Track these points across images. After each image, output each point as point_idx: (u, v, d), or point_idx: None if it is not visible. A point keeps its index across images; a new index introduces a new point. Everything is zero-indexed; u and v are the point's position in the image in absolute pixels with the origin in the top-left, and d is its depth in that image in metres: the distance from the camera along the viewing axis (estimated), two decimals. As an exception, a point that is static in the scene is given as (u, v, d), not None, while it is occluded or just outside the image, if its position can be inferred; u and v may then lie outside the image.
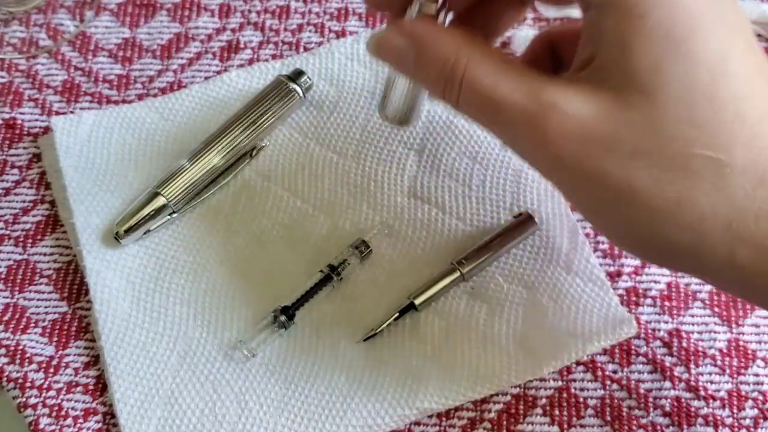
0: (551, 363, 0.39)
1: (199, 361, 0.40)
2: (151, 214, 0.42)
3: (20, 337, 0.41)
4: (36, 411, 0.39)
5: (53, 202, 0.44)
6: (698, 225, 0.29)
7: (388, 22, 0.34)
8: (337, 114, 0.46)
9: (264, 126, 0.44)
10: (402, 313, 0.40)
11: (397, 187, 0.44)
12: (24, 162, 0.46)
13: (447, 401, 0.39)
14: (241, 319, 0.41)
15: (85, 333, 0.41)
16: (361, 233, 0.43)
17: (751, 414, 0.40)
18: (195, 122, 0.45)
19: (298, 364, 0.40)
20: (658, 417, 0.40)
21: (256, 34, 0.49)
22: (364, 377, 0.40)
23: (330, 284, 0.41)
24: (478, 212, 0.43)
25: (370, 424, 0.39)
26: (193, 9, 0.50)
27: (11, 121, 0.47)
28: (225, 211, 0.44)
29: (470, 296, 0.41)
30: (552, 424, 0.40)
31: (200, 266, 0.42)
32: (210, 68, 0.48)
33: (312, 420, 0.39)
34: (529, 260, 0.42)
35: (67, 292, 0.42)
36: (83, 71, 0.48)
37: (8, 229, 0.44)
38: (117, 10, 0.50)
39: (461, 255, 0.41)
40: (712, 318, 0.42)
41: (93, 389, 0.40)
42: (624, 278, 0.43)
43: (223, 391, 0.39)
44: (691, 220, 0.29)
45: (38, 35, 0.49)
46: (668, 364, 0.41)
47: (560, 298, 0.41)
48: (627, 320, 0.40)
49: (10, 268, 0.43)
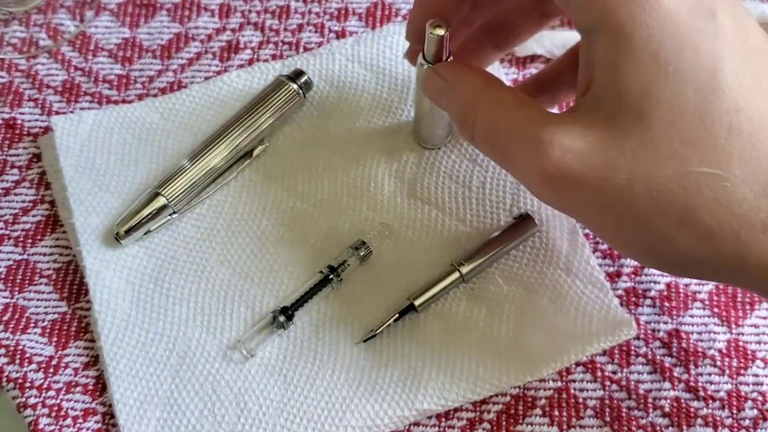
0: (551, 364, 0.40)
1: (199, 361, 0.40)
2: (151, 214, 0.42)
3: (20, 337, 0.41)
4: (35, 411, 0.39)
5: (53, 202, 0.45)
6: (706, 240, 0.30)
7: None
8: (338, 114, 0.46)
9: (264, 126, 0.44)
10: (402, 314, 0.40)
11: (397, 189, 0.44)
12: (24, 162, 0.46)
13: (446, 402, 0.39)
14: (240, 319, 0.41)
15: (85, 333, 0.41)
16: (360, 234, 0.43)
17: (751, 414, 0.40)
18: (195, 122, 0.45)
19: (297, 364, 0.40)
20: (658, 418, 0.40)
21: (256, 34, 0.49)
22: (364, 378, 0.40)
23: (329, 285, 0.41)
24: (477, 213, 0.43)
25: (370, 425, 0.39)
26: (193, 9, 0.50)
27: (11, 121, 0.47)
28: (225, 211, 0.44)
29: (470, 297, 0.41)
30: (551, 424, 0.40)
31: (200, 266, 0.42)
32: (210, 68, 0.48)
33: (311, 421, 0.39)
34: (528, 261, 0.42)
35: (66, 292, 0.42)
36: (83, 71, 0.48)
37: (8, 229, 0.44)
38: (117, 10, 0.50)
39: (461, 256, 0.41)
40: (711, 319, 0.42)
41: (92, 389, 0.40)
42: (623, 279, 0.43)
43: (222, 392, 0.39)
44: (699, 237, 0.30)
45: (38, 35, 0.49)
46: (668, 364, 0.41)
47: (560, 299, 0.41)
48: (626, 321, 0.40)
49: (9, 268, 0.43)
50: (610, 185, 0.30)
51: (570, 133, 0.30)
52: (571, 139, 0.30)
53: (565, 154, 0.30)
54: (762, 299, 0.42)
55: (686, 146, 0.29)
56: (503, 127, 0.33)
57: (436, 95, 0.38)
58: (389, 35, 0.48)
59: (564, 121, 0.31)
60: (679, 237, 0.30)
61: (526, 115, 0.32)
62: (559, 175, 0.30)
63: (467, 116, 0.34)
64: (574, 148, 0.30)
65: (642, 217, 0.30)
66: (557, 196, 0.32)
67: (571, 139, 0.30)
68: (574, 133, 0.30)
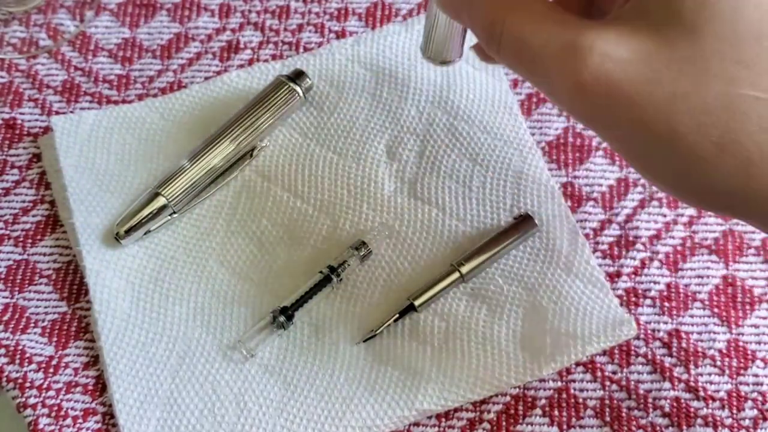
0: (551, 364, 0.40)
1: (198, 361, 0.40)
2: (151, 214, 0.42)
3: (20, 337, 0.41)
4: (35, 411, 0.39)
5: (53, 202, 0.45)
6: (744, 170, 0.28)
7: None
8: (338, 114, 0.46)
9: (264, 126, 0.44)
10: (402, 314, 0.40)
11: (398, 188, 0.44)
12: (24, 162, 0.46)
13: (446, 402, 0.39)
14: (240, 319, 0.41)
15: (85, 333, 0.41)
16: (360, 234, 0.43)
17: (751, 414, 0.40)
18: (195, 122, 0.45)
19: (297, 364, 0.40)
20: (658, 418, 0.40)
21: (256, 34, 0.49)
22: (364, 378, 0.40)
23: (329, 285, 0.41)
24: (478, 213, 0.43)
25: (369, 425, 0.39)
26: (193, 9, 0.50)
27: (11, 121, 0.47)
28: (225, 211, 0.44)
29: (470, 297, 0.41)
30: (551, 424, 0.40)
31: (200, 266, 0.42)
32: (210, 68, 0.48)
33: (311, 421, 0.39)
34: (528, 261, 0.42)
35: (66, 292, 0.42)
36: (83, 71, 0.48)
37: (8, 229, 0.44)
38: (117, 10, 0.50)
39: (461, 256, 0.41)
40: (711, 319, 0.42)
41: (92, 389, 0.40)
42: (623, 279, 0.43)
43: (222, 392, 0.39)
44: (737, 164, 0.28)
45: (38, 35, 0.49)
46: (668, 364, 0.41)
47: (560, 299, 0.41)
48: (626, 321, 0.40)
49: (9, 268, 0.43)
50: (652, 99, 0.28)
51: (613, 40, 0.28)
52: (613, 46, 0.28)
53: (605, 61, 0.28)
54: (762, 298, 0.42)
55: (739, 67, 0.28)
56: (535, 36, 0.30)
57: (454, 7, 0.34)
58: (389, 35, 0.48)
59: (606, 28, 0.29)
60: (717, 162, 0.28)
61: (561, 20, 0.30)
62: (596, 84, 0.28)
63: (494, 28, 0.31)
64: (615, 56, 0.28)
65: (680, 138, 0.28)
66: (592, 109, 0.29)
67: (613, 46, 0.28)
68: (618, 41, 0.28)
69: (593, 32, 0.29)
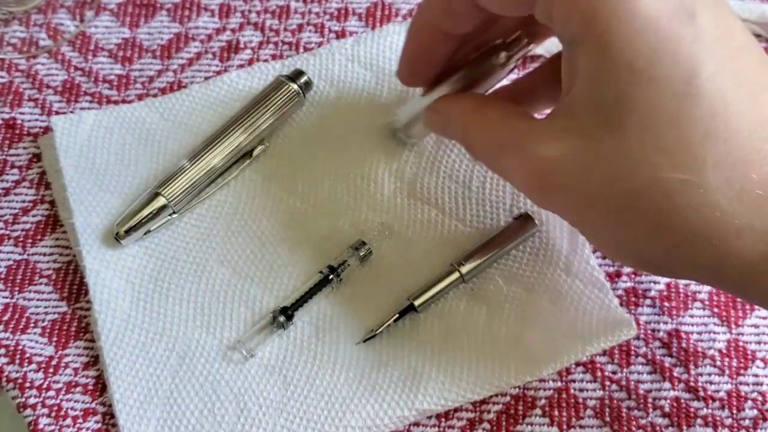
0: (551, 364, 0.40)
1: (198, 361, 0.40)
2: (151, 214, 0.42)
3: (20, 337, 0.41)
4: (35, 411, 0.39)
5: (53, 202, 0.45)
6: (681, 245, 0.30)
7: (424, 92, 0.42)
8: (338, 114, 0.46)
9: (264, 126, 0.44)
10: (402, 314, 0.40)
11: (397, 189, 0.44)
12: (24, 162, 0.46)
13: (446, 402, 0.39)
14: (240, 319, 0.41)
15: (85, 333, 0.41)
16: (360, 234, 0.43)
17: (751, 415, 0.40)
18: (195, 122, 0.45)
19: (297, 364, 0.40)
20: (658, 418, 0.40)
21: (256, 34, 0.49)
22: (364, 378, 0.40)
23: (329, 285, 0.41)
24: (477, 213, 0.43)
25: (369, 425, 0.39)
26: (193, 9, 0.50)
27: (11, 121, 0.47)
28: (225, 211, 0.44)
29: (470, 297, 0.41)
30: (551, 424, 0.40)
31: (200, 266, 0.42)
32: (210, 68, 0.48)
33: (311, 421, 0.39)
34: (528, 262, 0.42)
35: (66, 292, 0.43)
36: (83, 71, 0.48)
37: (8, 229, 0.44)
38: (117, 10, 0.50)
39: (461, 256, 0.41)
40: (711, 319, 0.42)
41: (92, 389, 0.40)
42: (623, 279, 0.43)
43: (222, 392, 0.39)
44: (673, 241, 0.30)
45: (38, 35, 0.49)
46: (668, 364, 0.41)
47: (560, 299, 0.41)
48: (626, 321, 0.40)
49: (9, 268, 0.43)
50: (587, 189, 0.31)
51: (547, 143, 0.32)
52: (549, 148, 0.32)
53: (543, 162, 0.32)
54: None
55: (659, 153, 0.30)
56: (493, 143, 0.35)
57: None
58: (389, 35, 0.48)
59: (543, 129, 0.33)
60: (655, 241, 0.31)
61: (511, 127, 0.35)
62: (541, 182, 0.33)
63: (466, 139, 0.37)
64: (551, 156, 0.32)
65: (619, 220, 0.31)
66: (545, 201, 0.34)
67: (548, 149, 0.32)
68: (551, 142, 0.32)
69: (535, 135, 0.33)
